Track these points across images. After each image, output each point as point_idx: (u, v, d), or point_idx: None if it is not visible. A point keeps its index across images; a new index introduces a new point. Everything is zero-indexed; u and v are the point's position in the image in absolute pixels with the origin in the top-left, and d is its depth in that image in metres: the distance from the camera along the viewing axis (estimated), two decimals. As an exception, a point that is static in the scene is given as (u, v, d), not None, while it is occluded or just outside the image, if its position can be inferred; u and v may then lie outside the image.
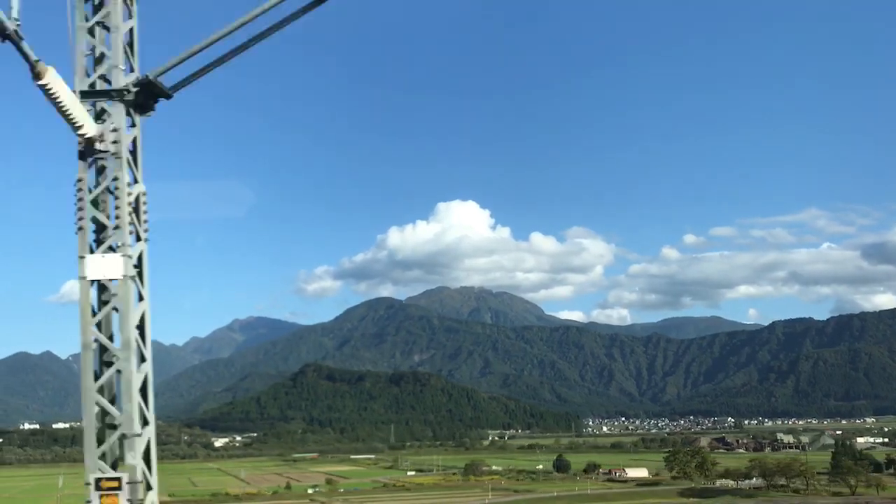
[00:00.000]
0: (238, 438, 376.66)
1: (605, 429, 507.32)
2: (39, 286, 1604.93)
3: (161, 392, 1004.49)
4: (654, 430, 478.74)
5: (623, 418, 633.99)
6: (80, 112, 7.77)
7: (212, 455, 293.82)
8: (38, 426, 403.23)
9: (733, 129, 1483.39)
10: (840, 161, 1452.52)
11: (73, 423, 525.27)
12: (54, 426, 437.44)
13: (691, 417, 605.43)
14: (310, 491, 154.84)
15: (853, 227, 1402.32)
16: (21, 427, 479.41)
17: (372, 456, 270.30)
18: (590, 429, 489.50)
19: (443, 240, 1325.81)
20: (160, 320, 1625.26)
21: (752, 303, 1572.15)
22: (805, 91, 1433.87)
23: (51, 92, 7.23)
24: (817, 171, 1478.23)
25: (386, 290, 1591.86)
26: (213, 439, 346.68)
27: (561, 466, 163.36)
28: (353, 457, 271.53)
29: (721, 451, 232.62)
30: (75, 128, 7.84)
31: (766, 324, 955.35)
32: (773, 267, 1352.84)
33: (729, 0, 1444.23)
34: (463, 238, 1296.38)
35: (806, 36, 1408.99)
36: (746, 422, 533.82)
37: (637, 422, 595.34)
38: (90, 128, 7.97)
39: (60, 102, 7.37)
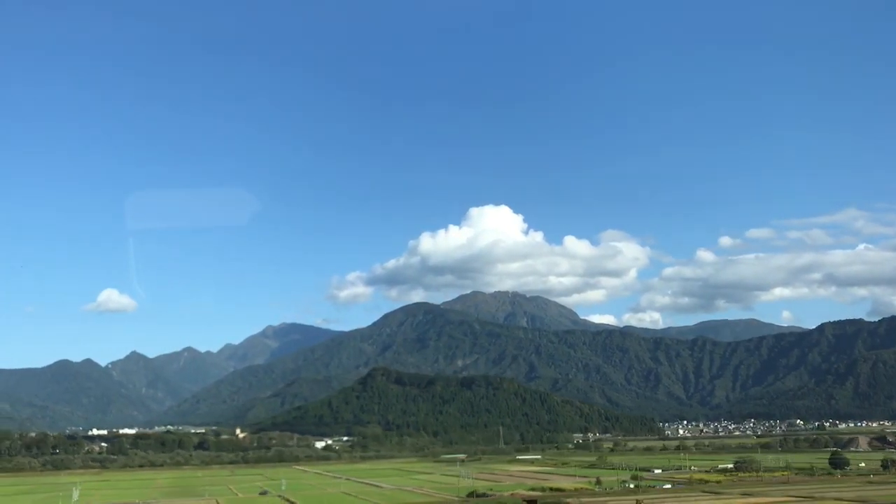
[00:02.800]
0: (329, 441, 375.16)
1: (682, 432, 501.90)
2: (77, 295, 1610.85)
3: (203, 398, 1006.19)
4: (737, 433, 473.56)
5: (684, 421, 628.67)
6: None
7: (353, 457, 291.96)
8: (136, 430, 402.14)
9: (769, 128, 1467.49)
10: (882, 160, 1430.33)
11: (135, 428, 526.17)
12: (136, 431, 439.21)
13: (753, 420, 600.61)
14: (667, 486, 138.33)
15: (892, 228, 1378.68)
16: (91, 432, 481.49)
17: (538, 456, 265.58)
18: (668, 433, 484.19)
19: (475, 245, 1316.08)
20: (195, 327, 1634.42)
21: (787, 305, 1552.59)
22: (843, 89, 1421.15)
23: None
24: (857, 171, 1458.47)
25: (417, 296, 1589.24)
26: (314, 442, 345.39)
27: (838, 464, 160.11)
28: (519, 457, 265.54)
29: (891, 450, 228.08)
30: None
31: (803, 325, 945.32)
32: (808, 269, 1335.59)
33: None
34: (496, 243, 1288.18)
35: (846, 32, 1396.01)
36: (816, 423, 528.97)
37: (700, 425, 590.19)
38: None
39: None
